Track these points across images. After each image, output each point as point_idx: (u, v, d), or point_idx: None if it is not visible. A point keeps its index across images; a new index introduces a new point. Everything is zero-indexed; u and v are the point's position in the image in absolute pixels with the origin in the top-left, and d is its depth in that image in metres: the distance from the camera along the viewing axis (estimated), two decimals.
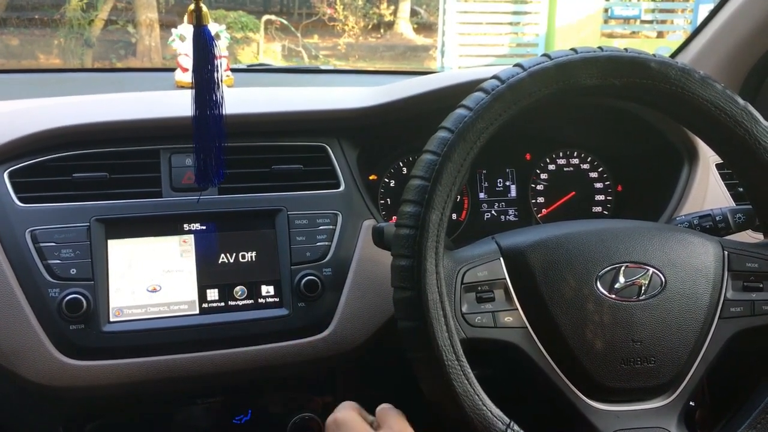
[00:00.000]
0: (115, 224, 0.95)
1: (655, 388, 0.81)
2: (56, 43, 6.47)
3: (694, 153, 1.17)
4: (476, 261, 0.81)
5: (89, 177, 0.97)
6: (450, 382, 0.73)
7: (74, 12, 6.41)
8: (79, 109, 1.03)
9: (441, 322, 0.73)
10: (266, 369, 0.97)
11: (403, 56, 8.37)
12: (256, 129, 1.05)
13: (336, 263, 0.99)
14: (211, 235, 0.98)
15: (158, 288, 0.94)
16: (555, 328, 0.79)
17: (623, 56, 0.78)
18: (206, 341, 0.94)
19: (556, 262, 0.80)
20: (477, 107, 0.75)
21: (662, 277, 0.81)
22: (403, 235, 0.75)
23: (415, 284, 0.73)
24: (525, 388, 0.86)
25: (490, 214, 1.26)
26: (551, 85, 0.77)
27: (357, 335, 0.99)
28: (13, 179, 0.95)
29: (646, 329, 0.80)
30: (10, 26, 6.40)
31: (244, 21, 7.03)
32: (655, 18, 7.00)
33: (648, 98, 0.82)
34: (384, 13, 8.78)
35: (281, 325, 0.97)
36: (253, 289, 0.97)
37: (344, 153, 1.08)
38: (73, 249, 0.92)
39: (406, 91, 1.10)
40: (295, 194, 1.02)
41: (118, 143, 1.00)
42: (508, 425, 0.74)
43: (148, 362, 0.92)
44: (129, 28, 6.71)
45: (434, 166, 0.74)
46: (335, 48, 8.31)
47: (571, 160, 1.28)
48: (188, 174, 0.99)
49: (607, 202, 1.29)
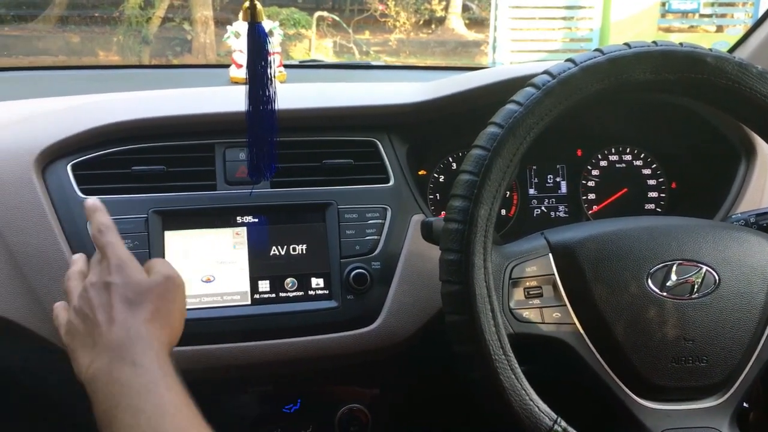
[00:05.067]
0: (171, 216, 0.98)
1: (707, 388, 0.79)
2: (115, 41, 6.64)
3: (751, 149, 1.14)
4: (525, 256, 0.81)
5: (147, 170, 1.00)
6: (497, 376, 0.73)
7: (132, 10, 6.56)
8: (138, 105, 1.06)
9: (488, 317, 0.73)
10: (315, 360, 0.99)
11: (454, 52, 8.33)
12: (308, 124, 1.07)
13: (385, 257, 1.00)
14: (263, 228, 1.00)
15: (212, 278, 0.97)
16: (604, 326, 0.78)
17: (678, 51, 0.77)
18: (257, 331, 0.96)
19: (606, 258, 0.80)
20: (527, 102, 0.75)
21: (716, 275, 0.80)
22: (452, 230, 0.75)
23: (462, 278, 0.74)
24: (573, 385, 0.85)
25: (540, 210, 1.25)
26: (603, 80, 0.76)
27: (405, 328, 0.99)
28: (76, 172, 0.98)
29: (699, 328, 0.78)
30: (72, 24, 6.59)
31: (297, 18, 7.09)
32: (715, 12, 6.80)
33: (704, 94, 0.81)
34: (435, 9, 8.75)
35: (330, 317, 0.98)
36: (304, 282, 0.99)
37: (394, 148, 1.09)
38: (131, 239, 0.95)
39: (457, 86, 1.10)
40: (345, 188, 1.04)
41: (175, 138, 1.03)
42: (555, 421, 0.73)
43: (202, 350, 0.95)
44: (185, 26, 6.84)
45: (483, 161, 0.74)
46: (386, 44, 8.31)
47: (624, 156, 1.27)
48: (242, 168, 1.02)
49: (660, 199, 1.27)
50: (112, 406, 0.64)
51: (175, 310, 0.74)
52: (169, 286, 0.74)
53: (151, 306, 0.71)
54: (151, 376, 0.66)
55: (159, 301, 0.72)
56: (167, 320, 0.72)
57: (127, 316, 0.70)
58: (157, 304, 0.71)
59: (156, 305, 0.71)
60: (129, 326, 0.69)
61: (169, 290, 0.74)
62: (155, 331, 0.70)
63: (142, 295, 0.71)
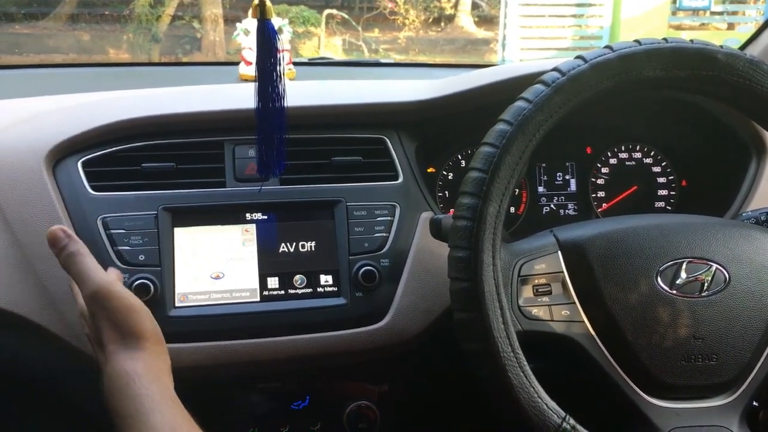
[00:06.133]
0: (181, 213, 0.98)
1: (717, 386, 0.79)
2: (125, 39, 6.66)
3: (762, 147, 1.14)
4: (534, 254, 0.81)
5: (157, 167, 1.00)
6: (505, 374, 0.73)
7: (142, 8, 6.58)
8: (148, 102, 1.07)
9: (497, 314, 0.73)
10: (324, 357, 0.99)
11: (463, 50, 8.31)
12: (317, 121, 1.07)
13: (394, 254, 1.00)
14: (272, 225, 1.00)
15: (221, 275, 0.97)
16: (613, 323, 0.78)
17: (688, 48, 0.77)
18: (266, 328, 0.97)
19: (615, 256, 0.79)
20: (537, 99, 0.75)
21: (726, 273, 0.79)
22: (461, 227, 0.75)
23: (471, 276, 0.74)
24: (582, 383, 0.85)
25: (549, 207, 1.25)
26: (613, 77, 0.76)
27: (413, 326, 0.99)
28: (86, 168, 0.99)
29: (708, 326, 0.78)
30: (82, 22, 6.61)
31: (306, 15, 7.09)
32: (726, 9, 6.76)
33: (714, 91, 0.80)
34: (445, 7, 8.73)
35: (339, 314, 0.98)
36: (312, 278, 0.99)
37: (403, 145, 1.09)
38: (141, 236, 0.95)
39: (466, 84, 1.10)
40: (354, 186, 1.04)
41: (185, 135, 1.03)
42: (563, 419, 0.73)
43: (210, 347, 0.95)
44: (194, 24, 6.85)
45: (492, 159, 0.74)
46: (395, 42, 8.30)
47: (634, 154, 1.26)
48: (251, 165, 1.02)
49: (670, 197, 1.26)
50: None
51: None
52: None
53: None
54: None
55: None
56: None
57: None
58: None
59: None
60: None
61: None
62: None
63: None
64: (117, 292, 0.72)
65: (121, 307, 0.71)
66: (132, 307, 0.72)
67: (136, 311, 0.72)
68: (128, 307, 0.71)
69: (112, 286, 0.72)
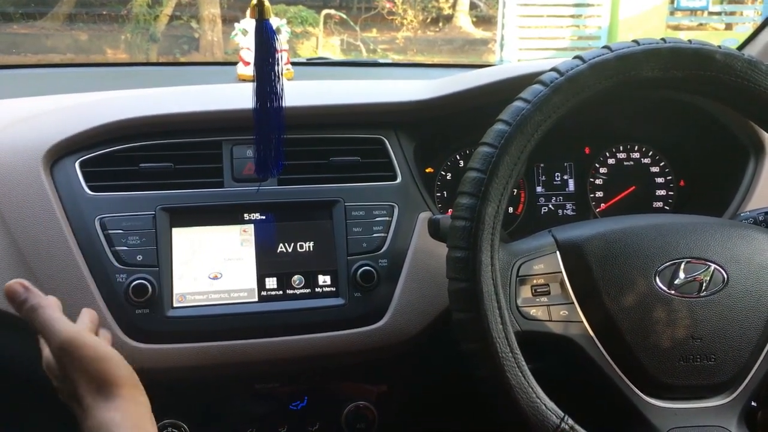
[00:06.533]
0: (179, 213, 0.98)
1: (715, 386, 0.79)
2: (123, 39, 6.65)
3: (760, 147, 1.14)
4: (532, 254, 0.81)
5: (155, 167, 1.00)
6: (504, 374, 0.73)
7: (140, 8, 6.57)
8: (146, 102, 1.07)
9: (495, 314, 0.73)
10: (322, 357, 0.99)
11: (461, 50, 8.31)
12: (315, 121, 1.07)
13: (392, 254, 1.00)
14: (270, 225, 1.00)
15: (219, 275, 0.97)
16: (611, 324, 0.78)
17: (686, 48, 0.77)
18: (264, 328, 0.96)
19: (613, 256, 0.79)
20: (535, 99, 0.75)
21: (724, 273, 0.79)
22: (459, 227, 0.75)
23: (470, 276, 0.74)
24: (580, 383, 0.85)
25: (547, 208, 1.25)
26: (612, 77, 0.76)
27: (412, 326, 0.99)
28: (84, 168, 0.99)
29: (707, 326, 0.78)
30: (79, 22, 6.60)
31: (304, 15, 7.09)
32: (724, 9, 6.76)
33: (712, 91, 0.80)
34: (443, 7, 8.73)
35: (337, 315, 0.98)
36: (311, 279, 0.99)
37: (401, 145, 1.08)
38: (139, 236, 0.95)
39: (464, 83, 1.10)
40: (352, 186, 1.04)
41: (183, 135, 1.03)
42: (562, 419, 0.73)
43: (208, 347, 0.95)
44: (192, 24, 6.85)
45: (491, 159, 0.74)
46: (393, 42, 8.30)
47: (632, 154, 1.26)
48: (249, 165, 1.02)
49: (668, 197, 1.26)
50: None
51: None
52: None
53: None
54: None
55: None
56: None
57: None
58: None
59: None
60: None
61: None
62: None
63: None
64: (86, 341, 0.68)
65: (93, 356, 0.68)
66: (104, 355, 0.68)
67: (108, 359, 0.69)
68: (100, 356, 0.68)
69: (80, 335, 0.69)
